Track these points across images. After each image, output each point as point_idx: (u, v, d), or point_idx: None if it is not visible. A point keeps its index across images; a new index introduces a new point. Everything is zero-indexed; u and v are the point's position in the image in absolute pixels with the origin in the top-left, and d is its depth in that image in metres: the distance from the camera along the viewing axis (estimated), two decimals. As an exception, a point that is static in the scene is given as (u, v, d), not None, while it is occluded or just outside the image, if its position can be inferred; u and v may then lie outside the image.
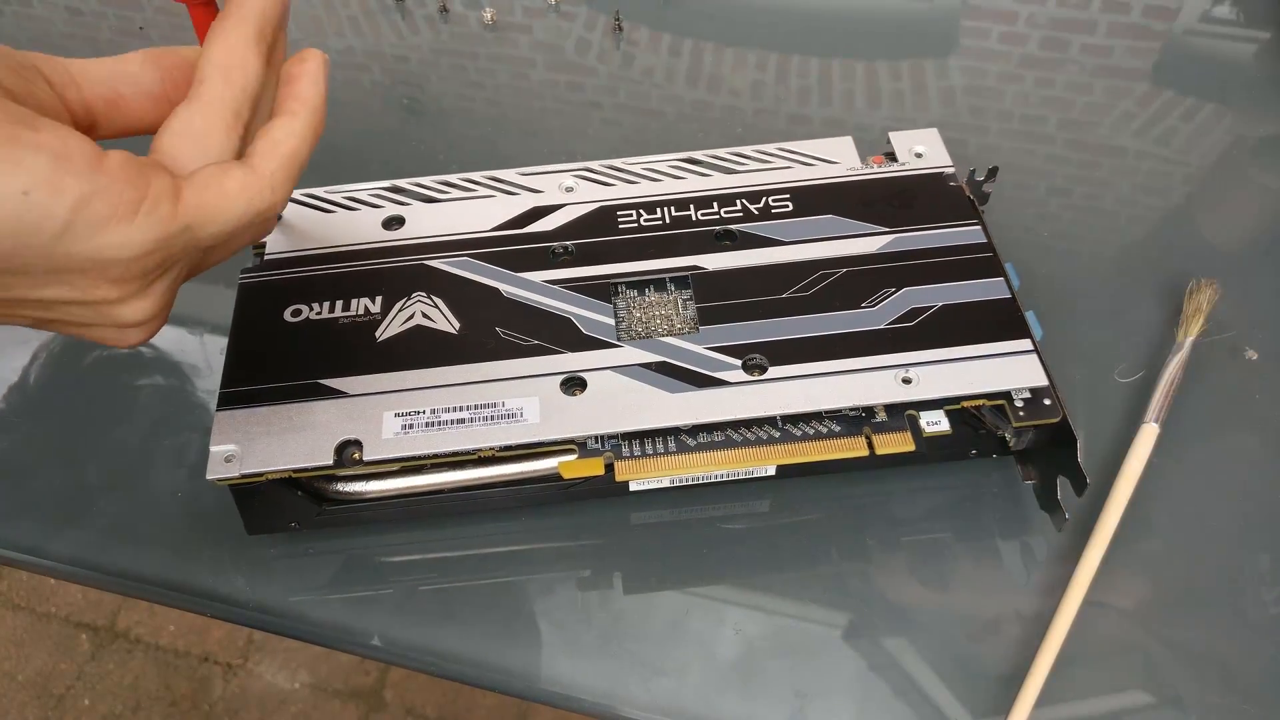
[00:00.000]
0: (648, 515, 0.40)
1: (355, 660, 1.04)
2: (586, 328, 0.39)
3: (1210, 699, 0.35)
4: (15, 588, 1.13)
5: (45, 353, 0.46)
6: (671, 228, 0.43)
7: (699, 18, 0.63)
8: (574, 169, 0.46)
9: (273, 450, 0.36)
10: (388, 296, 0.40)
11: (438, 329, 0.39)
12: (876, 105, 0.57)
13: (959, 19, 0.62)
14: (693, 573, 0.39)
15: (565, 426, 0.36)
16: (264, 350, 0.39)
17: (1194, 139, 0.55)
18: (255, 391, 0.37)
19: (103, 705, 1.04)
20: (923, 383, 0.37)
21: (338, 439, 0.36)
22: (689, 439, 0.38)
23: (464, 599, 0.38)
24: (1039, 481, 0.39)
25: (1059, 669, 0.35)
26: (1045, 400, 0.37)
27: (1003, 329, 0.38)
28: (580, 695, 0.36)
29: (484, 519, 0.40)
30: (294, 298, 0.40)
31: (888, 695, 0.35)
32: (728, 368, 0.38)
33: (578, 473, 0.37)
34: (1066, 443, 0.36)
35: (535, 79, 0.59)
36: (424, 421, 0.36)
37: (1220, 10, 0.62)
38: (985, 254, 0.41)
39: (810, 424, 0.38)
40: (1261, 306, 0.46)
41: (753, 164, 0.45)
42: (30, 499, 0.41)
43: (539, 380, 0.38)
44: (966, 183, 0.44)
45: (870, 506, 0.40)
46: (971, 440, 0.39)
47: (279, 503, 0.37)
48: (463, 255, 0.42)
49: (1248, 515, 0.40)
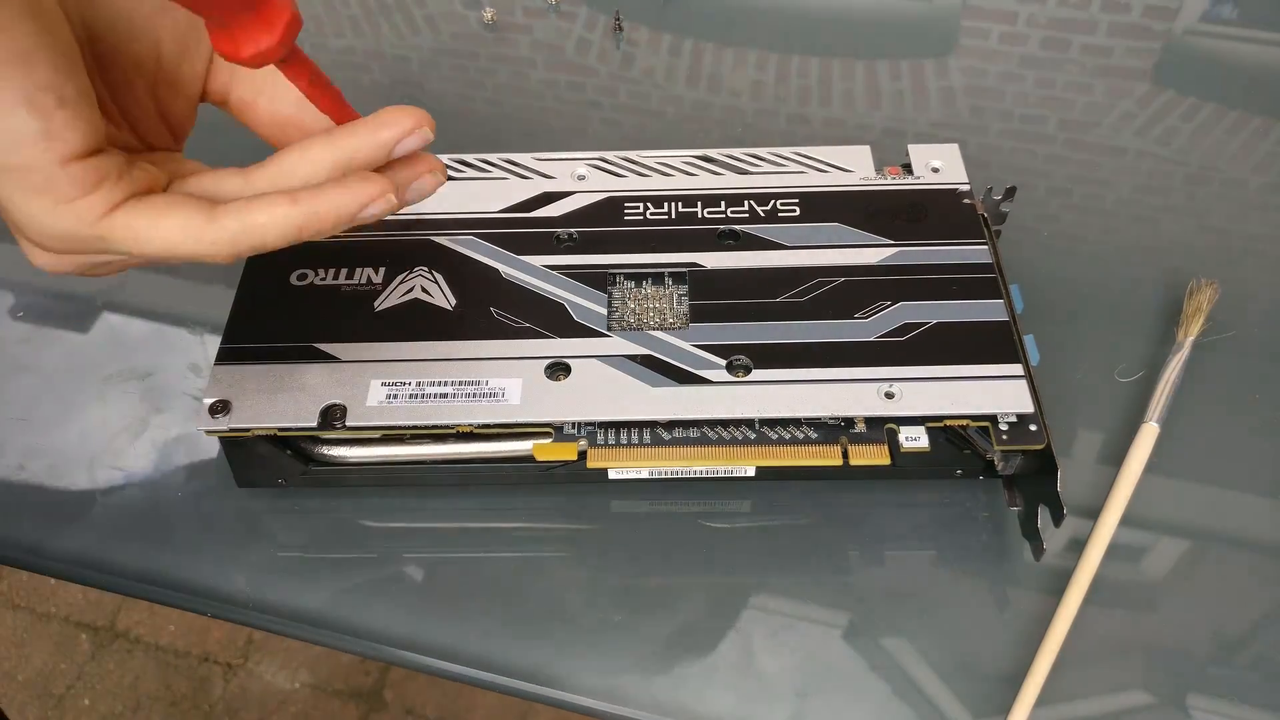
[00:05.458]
0: (639, 505, 0.40)
1: (355, 660, 1.04)
2: (578, 315, 0.40)
3: (1210, 699, 0.35)
4: (15, 588, 1.13)
5: (45, 353, 0.46)
6: (676, 223, 0.43)
7: (699, 18, 0.63)
8: (588, 158, 0.46)
9: (261, 408, 0.37)
10: (391, 268, 0.41)
11: (434, 304, 0.40)
12: (876, 105, 0.57)
13: (959, 19, 0.62)
14: (693, 570, 0.39)
15: (544, 410, 0.37)
16: (266, 310, 0.40)
17: (1194, 139, 0.55)
18: (253, 349, 0.39)
19: (103, 705, 1.04)
20: (905, 399, 0.37)
21: (324, 402, 0.37)
22: (664, 433, 0.38)
23: (458, 585, 0.38)
24: (1022, 508, 0.39)
25: (1059, 669, 0.35)
26: (1031, 426, 0.37)
27: (994, 351, 0.38)
28: (580, 695, 0.36)
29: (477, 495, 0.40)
30: (301, 262, 0.42)
31: (888, 695, 0.35)
32: (712, 366, 0.38)
33: (551, 455, 0.38)
34: (1048, 471, 0.36)
35: (535, 79, 0.59)
36: (408, 393, 0.37)
37: (1220, 10, 0.63)
38: (988, 275, 0.41)
39: (787, 429, 0.38)
40: (1261, 307, 0.46)
41: (766, 166, 0.45)
42: (30, 499, 0.41)
43: (525, 363, 0.38)
44: (983, 200, 0.44)
45: (869, 512, 0.40)
46: (956, 460, 0.39)
47: (267, 459, 0.39)
48: (469, 234, 0.43)
49: (1247, 515, 0.40)
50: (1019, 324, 0.39)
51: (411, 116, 0.31)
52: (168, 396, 0.44)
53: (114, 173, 0.28)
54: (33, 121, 0.26)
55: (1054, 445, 0.36)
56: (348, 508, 0.40)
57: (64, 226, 0.28)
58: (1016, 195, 0.45)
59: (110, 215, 0.28)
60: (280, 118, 0.33)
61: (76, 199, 0.28)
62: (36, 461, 0.42)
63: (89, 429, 0.43)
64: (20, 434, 0.43)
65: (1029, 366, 0.38)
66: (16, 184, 0.27)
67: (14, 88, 0.26)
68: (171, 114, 0.33)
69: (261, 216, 0.29)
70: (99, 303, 0.48)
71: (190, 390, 0.44)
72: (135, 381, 0.45)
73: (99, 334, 0.47)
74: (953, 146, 0.46)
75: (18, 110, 0.26)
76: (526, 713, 1.01)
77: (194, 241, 0.29)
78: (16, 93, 0.26)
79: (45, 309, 0.48)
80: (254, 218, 0.29)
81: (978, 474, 0.40)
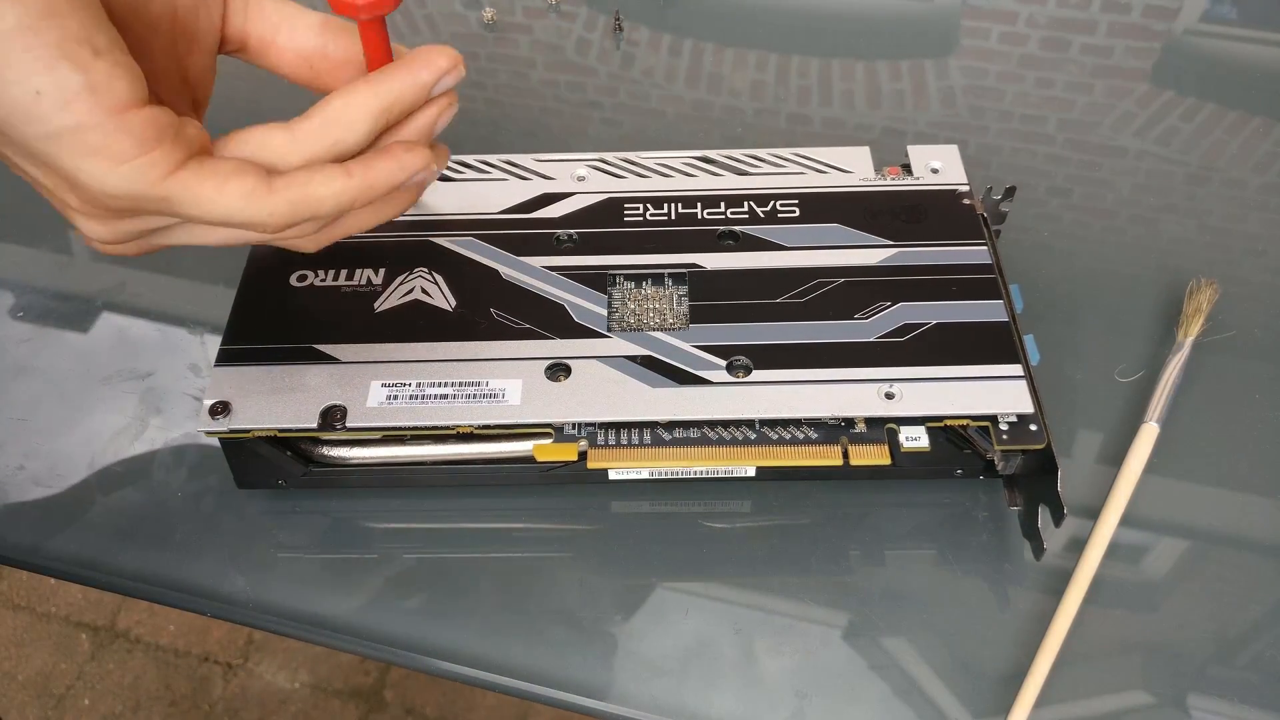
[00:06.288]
0: (639, 506, 0.40)
1: (355, 660, 1.04)
2: (579, 316, 0.40)
3: (1210, 699, 0.35)
4: (15, 588, 1.13)
5: (45, 353, 0.46)
6: (676, 224, 0.43)
7: (699, 18, 0.63)
8: (588, 158, 0.46)
9: (262, 409, 0.37)
10: (391, 269, 0.41)
11: (434, 305, 0.40)
12: (876, 105, 0.57)
13: (959, 19, 0.62)
14: (693, 570, 0.39)
15: (544, 411, 0.37)
16: (266, 312, 0.40)
17: (1194, 139, 0.55)
18: (253, 350, 0.39)
19: (103, 705, 1.04)
20: (905, 399, 0.37)
21: (324, 403, 0.37)
22: (664, 433, 0.38)
23: (458, 585, 0.38)
24: (1023, 508, 0.39)
25: (1059, 669, 0.35)
26: (1031, 426, 0.37)
27: (994, 352, 0.38)
28: (580, 695, 0.36)
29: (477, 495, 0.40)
30: (302, 263, 0.42)
31: (888, 695, 0.35)
32: (712, 367, 0.38)
33: (551, 456, 0.38)
34: (1049, 471, 0.36)
35: (535, 79, 0.59)
36: (409, 394, 0.37)
37: (1220, 10, 0.63)
38: (988, 275, 0.41)
39: (787, 429, 0.38)
40: (1261, 306, 0.46)
41: (766, 167, 0.46)
42: (30, 499, 0.41)
43: (525, 363, 0.38)
44: (983, 200, 0.44)
45: (869, 512, 0.40)
46: (956, 459, 0.39)
47: (267, 460, 0.39)
48: (469, 235, 0.43)
49: (1247, 515, 0.40)
50: (1019, 324, 0.39)
51: (446, 56, 0.31)
52: (168, 397, 0.44)
53: (170, 129, 0.28)
54: (75, 75, 0.25)
55: (1054, 445, 0.36)
56: (348, 508, 0.40)
57: (128, 186, 0.27)
58: (1016, 195, 0.45)
59: (175, 175, 0.28)
60: (304, 51, 0.32)
61: (137, 157, 0.27)
62: (36, 461, 0.42)
63: (89, 429, 0.43)
64: (20, 434, 0.43)
65: (1029, 366, 0.38)
66: (74, 148, 0.26)
67: (47, 43, 0.25)
68: (191, 72, 0.32)
69: (321, 189, 0.29)
70: (99, 303, 0.48)
71: (190, 390, 0.44)
72: (135, 382, 0.45)
73: (99, 334, 0.47)
74: (952, 147, 0.46)
75: (57, 65, 0.25)
76: (526, 713, 1.01)
77: (255, 210, 0.28)
78: (51, 48, 0.25)
79: (45, 309, 0.48)
80: (313, 190, 0.29)
81: (978, 474, 0.40)
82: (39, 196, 0.30)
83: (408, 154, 0.31)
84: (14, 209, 0.51)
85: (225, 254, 0.45)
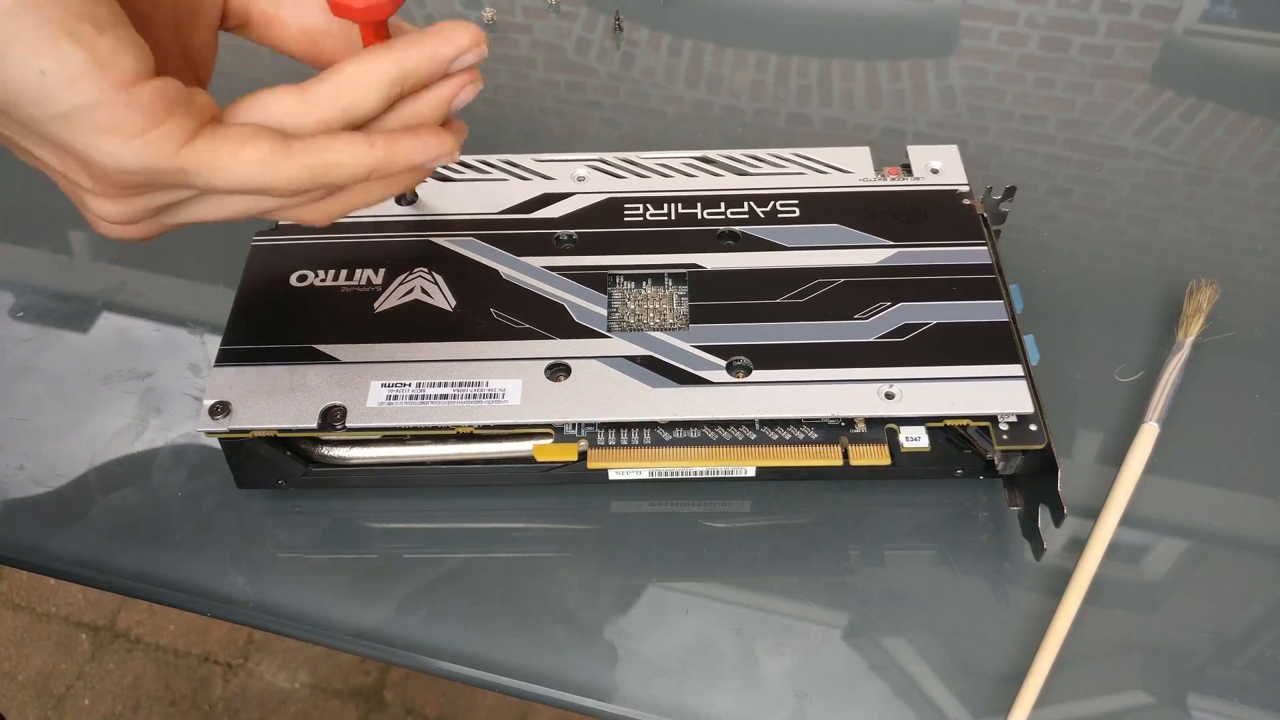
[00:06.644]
0: (639, 506, 0.40)
1: (355, 660, 1.04)
2: (579, 316, 0.40)
3: (1210, 699, 0.35)
4: (15, 588, 1.13)
5: (46, 353, 0.46)
6: (676, 224, 0.43)
7: (699, 18, 0.63)
8: (588, 159, 0.46)
9: (262, 409, 0.37)
10: (391, 269, 0.42)
11: (434, 305, 0.40)
12: (876, 105, 0.57)
13: (959, 19, 0.62)
14: (693, 570, 0.39)
15: (544, 411, 0.37)
16: (266, 312, 0.40)
17: (1194, 139, 0.55)
18: (253, 351, 0.39)
19: (103, 705, 1.04)
20: (905, 399, 0.37)
21: (324, 404, 0.37)
22: (664, 433, 0.38)
23: (459, 585, 0.38)
24: (1023, 508, 0.39)
25: (1059, 669, 0.35)
26: (1031, 426, 0.37)
27: (995, 352, 0.38)
28: (580, 695, 0.36)
29: (477, 495, 0.40)
30: (302, 263, 0.42)
31: (888, 695, 0.35)
32: (712, 367, 0.38)
33: (551, 456, 0.38)
34: (1049, 471, 0.36)
35: (535, 79, 0.59)
36: (409, 394, 0.37)
37: (1220, 10, 0.63)
38: (988, 275, 0.41)
39: (787, 429, 0.38)
40: (1261, 306, 0.46)
41: (766, 167, 0.46)
42: (30, 499, 0.41)
43: (525, 364, 0.38)
44: (983, 200, 0.44)
45: (869, 512, 0.40)
46: (956, 459, 0.39)
47: (267, 460, 0.39)
48: (469, 235, 0.43)
49: (1247, 515, 0.40)
50: (1019, 324, 0.39)
51: (468, 33, 0.30)
52: (168, 397, 0.44)
53: (180, 100, 0.27)
54: (79, 52, 0.25)
55: (1054, 445, 0.36)
56: (348, 508, 0.40)
57: (142, 160, 0.27)
58: (1016, 195, 0.45)
59: (189, 146, 0.27)
60: (309, 28, 0.32)
61: (149, 130, 0.26)
62: (36, 461, 0.42)
63: (89, 429, 0.43)
64: (20, 434, 0.43)
65: (1029, 366, 0.38)
66: (86, 127, 0.26)
67: (50, 21, 0.25)
68: (193, 48, 0.32)
69: (341, 155, 0.29)
70: (99, 303, 0.48)
71: (190, 390, 0.44)
72: (135, 382, 0.45)
73: (99, 334, 0.47)
74: (952, 148, 0.46)
75: (61, 44, 0.25)
76: (526, 713, 1.01)
77: (272, 174, 0.28)
78: (54, 26, 0.25)
79: (45, 309, 0.48)
80: (332, 155, 0.29)
81: (978, 474, 0.40)
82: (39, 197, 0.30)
83: (434, 137, 0.30)
84: (14, 209, 0.51)
85: (225, 254, 0.45)
